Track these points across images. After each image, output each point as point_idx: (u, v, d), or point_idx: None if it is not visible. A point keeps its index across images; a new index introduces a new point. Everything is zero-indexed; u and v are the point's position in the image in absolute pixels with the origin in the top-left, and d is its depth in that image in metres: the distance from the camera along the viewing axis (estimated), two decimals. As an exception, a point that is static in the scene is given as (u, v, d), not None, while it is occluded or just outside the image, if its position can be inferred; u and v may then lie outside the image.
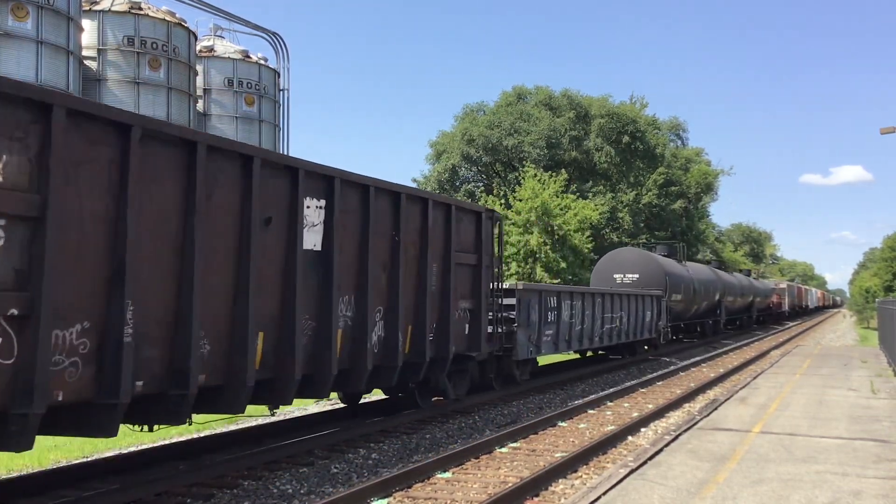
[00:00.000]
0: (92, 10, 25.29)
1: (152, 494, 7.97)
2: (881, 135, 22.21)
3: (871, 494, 7.39)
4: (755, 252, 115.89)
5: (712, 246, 69.66)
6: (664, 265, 28.99)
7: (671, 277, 28.65)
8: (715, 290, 37.18)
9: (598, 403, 15.30)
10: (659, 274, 28.07)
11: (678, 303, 29.90)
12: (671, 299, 28.23)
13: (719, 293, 38.04)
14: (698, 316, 35.21)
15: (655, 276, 27.91)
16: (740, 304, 45.64)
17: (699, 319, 36.27)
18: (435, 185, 48.01)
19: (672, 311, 28.80)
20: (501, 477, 9.16)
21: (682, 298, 30.47)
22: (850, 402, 13.80)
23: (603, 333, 20.87)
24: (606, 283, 27.89)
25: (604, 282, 28.34)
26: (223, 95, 29.71)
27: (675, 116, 64.23)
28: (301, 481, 8.82)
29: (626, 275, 28.21)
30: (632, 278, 28.02)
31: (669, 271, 29.01)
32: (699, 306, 34.16)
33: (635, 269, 28.33)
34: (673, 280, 28.84)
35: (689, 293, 31.58)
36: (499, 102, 51.07)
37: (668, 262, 30.98)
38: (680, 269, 31.63)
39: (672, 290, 28.30)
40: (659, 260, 29.33)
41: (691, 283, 32.00)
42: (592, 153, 49.22)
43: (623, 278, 28.18)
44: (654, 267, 28.37)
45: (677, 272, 30.46)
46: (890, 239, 74.75)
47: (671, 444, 9.79)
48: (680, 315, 31.27)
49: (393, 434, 11.66)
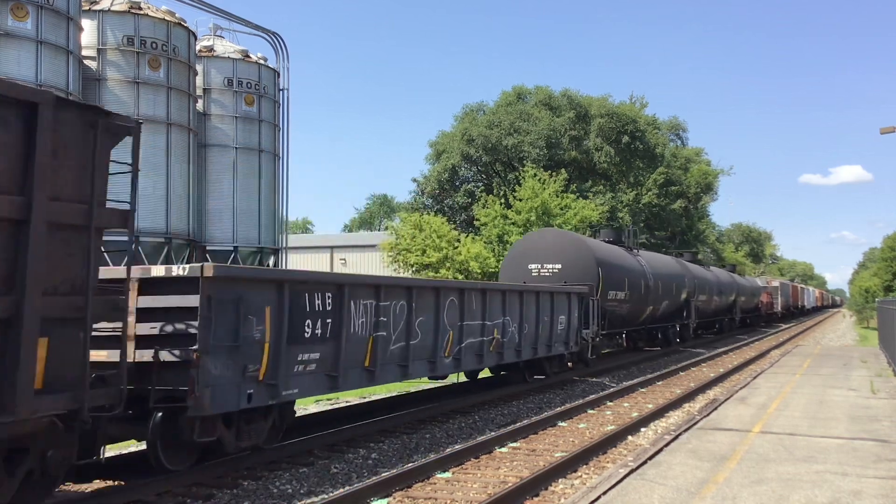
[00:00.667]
0: (92, 9, 25.29)
1: (152, 494, 7.96)
2: (881, 135, 22.22)
3: (871, 494, 7.39)
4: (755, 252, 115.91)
5: (713, 246, 69.67)
6: (598, 253, 22.13)
7: (608, 269, 22.17)
8: (681, 287, 30.62)
9: (598, 403, 15.30)
10: (589, 264, 21.22)
11: (621, 303, 23.52)
12: (609, 298, 22.15)
13: (687, 291, 31.44)
14: (656, 320, 28.68)
15: (585, 268, 21.13)
16: (719, 305, 39.30)
17: (658, 325, 29.51)
18: (435, 185, 48.03)
19: (612, 313, 22.73)
20: (501, 477, 9.16)
21: (629, 297, 24.01)
22: (850, 402, 13.79)
23: (464, 350, 13.36)
24: (519, 277, 21.23)
25: (516, 275, 21.57)
26: (223, 95, 29.70)
27: (675, 116, 64.30)
28: (301, 481, 8.82)
29: (545, 265, 21.33)
30: (552, 270, 21.20)
31: (606, 261, 22.37)
32: (657, 307, 27.65)
33: (557, 258, 21.37)
34: (611, 272, 22.36)
35: (639, 290, 25.06)
36: (499, 102, 51.09)
37: (606, 249, 24.13)
38: (625, 259, 25.15)
39: (609, 285, 21.99)
40: (590, 245, 22.34)
41: (643, 278, 25.53)
42: (592, 153, 49.23)
43: (540, 270, 21.34)
44: (583, 255, 21.48)
45: (619, 262, 23.96)
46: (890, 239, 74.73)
47: (671, 443, 9.79)
48: (626, 319, 25.03)
49: (393, 434, 11.66)
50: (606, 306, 21.89)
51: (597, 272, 21.27)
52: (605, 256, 22.68)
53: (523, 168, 39.84)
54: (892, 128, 21.90)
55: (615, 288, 22.69)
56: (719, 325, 41.60)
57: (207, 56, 29.21)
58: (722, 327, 41.83)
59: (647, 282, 25.84)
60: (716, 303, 38.05)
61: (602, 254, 22.61)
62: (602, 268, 21.61)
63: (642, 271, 25.89)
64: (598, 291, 20.89)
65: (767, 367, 20.92)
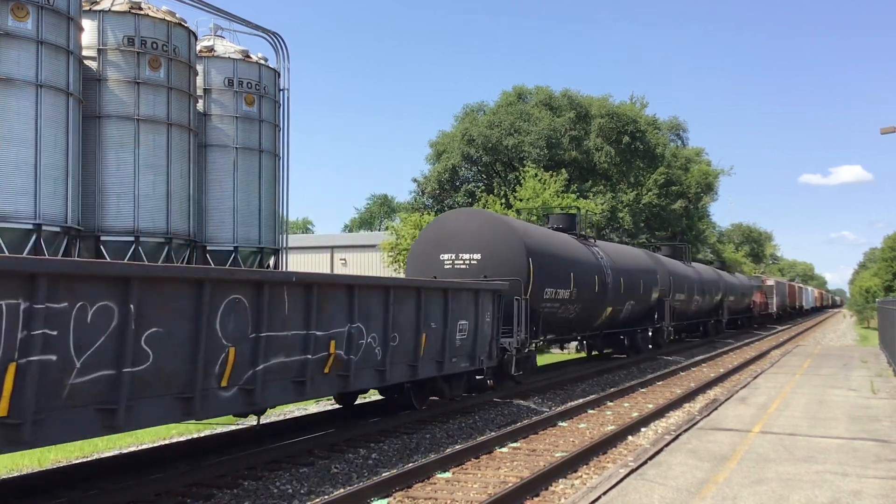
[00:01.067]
0: (92, 10, 25.33)
1: (152, 494, 7.97)
2: (881, 135, 22.18)
3: (870, 494, 7.39)
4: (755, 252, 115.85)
5: (713, 246, 69.64)
6: (529, 240, 17.42)
7: (544, 261, 17.50)
8: (652, 284, 26.01)
9: (598, 403, 15.30)
10: (516, 254, 16.70)
11: (565, 304, 18.83)
12: (546, 298, 17.66)
13: (660, 290, 26.89)
14: (620, 324, 24.15)
15: (511, 258, 16.64)
16: (701, 306, 34.60)
17: (623, 329, 24.88)
18: (435, 185, 48.01)
19: (551, 316, 18.26)
20: (501, 477, 9.16)
21: (577, 296, 19.29)
22: (851, 402, 13.79)
23: (262, 377, 8.54)
24: (429, 271, 16.70)
25: (426, 269, 16.98)
26: (223, 95, 29.73)
27: (675, 116, 64.25)
28: (301, 481, 8.82)
29: (461, 256, 16.81)
30: (469, 261, 16.70)
31: (540, 250, 17.67)
32: (619, 309, 23.07)
33: (476, 246, 16.79)
34: (548, 265, 17.71)
35: (592, 288, 20.42)
36: (499, 102, 51.06)
37: (543, 236, 19.10)
38: (573, 249, 20.29)
39: (545, 280, 17.40)
40: (518, 231, 17.36)
41: (597, 273, 20.92)
42: (592, 153, 49.22)
43: (455, 262, 16.84)
44: (509, 242, 16.87)
45: (561, 253, 19.09)
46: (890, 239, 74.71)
47: (671, 443, 9.79)
48: (575, 323, 20.42)
49: (393, 434, 11.66)
50: (542, 307, 17.43)
51: (526, 264, 16.60)
52: (539, 245, 17.77)
53: (524, 168, 39.83)
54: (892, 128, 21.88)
55: (555, 284, 17.97)
56: (704, 328, 37.66)
57: (208, 56, 29.22)
58: (707, 330, 37.83)
59: (603, 278, 21.15)
60: (697, 303, 33.40)
61: (535, 241, 17.71)
62: (534, 259, 16.87)
63: (597, 265, 21.14)
64: (527, 288, 16.42)
65: (768, 368, 20.92)
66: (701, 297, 33.77)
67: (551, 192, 35.70)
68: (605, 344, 25.61)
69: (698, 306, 33.97)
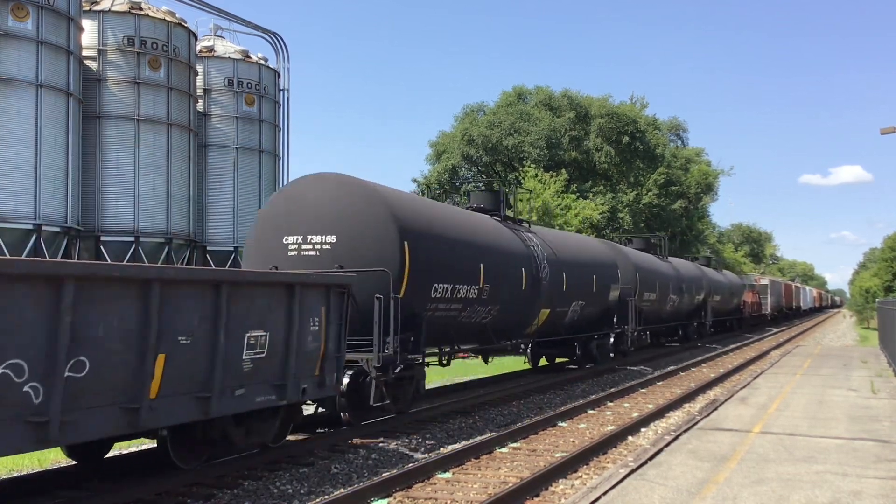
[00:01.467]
0: (92, 10, 25.34)
1: (152, 494, 7.97)
2: (881, 135, 22.19)
3: (870, 494, 7.39)
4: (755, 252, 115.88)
5: (713, 246, 69.64)
6: (404, 216, 12.40)
7: (429, 246, 12.68)
8: (608, 281, 21.01)
9: (598, 403, 15.30)
10: (385, 236, 11.92)
11: (468, 305, 13.90)
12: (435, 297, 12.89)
13: (620, 287, 22.11)
14: (561, 330, 18.96)
15: (378, 243, 11.89)
16: (679, 307, 30.15)
17: (570, 336, 19.82)
18: (435, 185, 48.01)
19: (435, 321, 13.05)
20: (501, 477, 9.17)
21: (488, 294, 14.39)
22: (851, 402, 13.79)
23: None
24: (271, 259, 12.27)
25: (267, 257, 12.40)
26: (223, 95, 29.74)
27: (675, 116, 64.37)
28: (301, 481, 8.83)
29: (309, 238, 12.16)
30: (321, 245, 12.07)
31: (423, 231, 12.72)
32: (561, 311, 18.17)
33: (330, 225, 12.10)
34: (435, 252, 12.86)
35: (516, 285, 15.58)
36: (499, 102, 51.07)
37: (430, 213, 13.62)
38: (484, 232, 15.10)
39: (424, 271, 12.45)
40: (389, 204, 12.30)
41: (523, 266, 15.93)
42: (592, 153, 49.24)
43: (302, 246, 12.21)
44: (374, 221, 12.02)
45: (459, 236, 13.95)
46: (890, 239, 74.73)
47: (671, 444, 9.79)
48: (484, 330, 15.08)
49: (393, 434, 11.66)
50: (429, 310, 12.60)
51: (399, 250, 11.76)
52: (420, 224, 12.64)
53: (524, 168, 39.84)
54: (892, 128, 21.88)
55: (447, 279, 12.94)
56: (683, 332, 33.49)
57: (208, 56, 29.24)
58: (687, 334, 33.61)
59: (533, 271, 16.24)
60: (674, 303, 29.00)
61: (413, 220, 12.53)
62: (412, 242, 12.00)
63: (526, 255, 16.09)
64: (401, 283, 11.68)
65: (768, 368, 20.93)
66: (678, 296, 29.44)
67: (551, 192, 35.72)
68: (547, 354, 21.56)
69: (675, 307, 29.62)
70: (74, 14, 22.99)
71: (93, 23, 24.87)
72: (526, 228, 17.92)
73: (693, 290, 32.26)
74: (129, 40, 25.30)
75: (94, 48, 24.94)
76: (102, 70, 25.12)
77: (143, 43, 25.45)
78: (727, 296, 40.94)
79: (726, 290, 40.66)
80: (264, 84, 30.43)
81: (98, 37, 25.02)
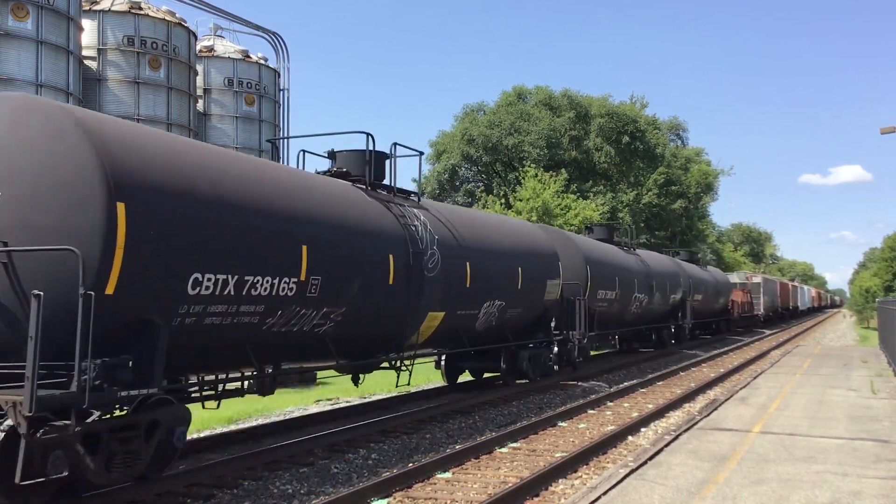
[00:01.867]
0: (92, 9, 25.33)
1: (152, 494, 7.97)
2: (881, 135, 22.20)
3: (870, 494, 7.39)
4: (755, 252, 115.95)
5: (712, 246, 69.64)
6: (122, 156, 7.05)
7: (159, 204, 7.26)
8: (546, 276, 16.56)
9: (598, 403, 15.30)
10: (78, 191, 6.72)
11: (250, 303, 8.36)
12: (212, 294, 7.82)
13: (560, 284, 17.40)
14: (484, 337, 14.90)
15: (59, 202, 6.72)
16: (650, 308, 25.67)
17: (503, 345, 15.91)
18: (435, 185, 48.03)
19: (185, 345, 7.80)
20: (501, 477, 9.17)
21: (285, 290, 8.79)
22: (851, 402, 13.80)
23: None
24: None
25: None
26: (223, 95, 29.74)
27: (675, 116, 64.33)
28: (301, 481, 8.83)
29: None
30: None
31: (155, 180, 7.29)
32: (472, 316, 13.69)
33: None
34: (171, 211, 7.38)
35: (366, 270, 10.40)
36: (499, 102, 51.10)
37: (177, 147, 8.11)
38: (287, 183, 9.52)
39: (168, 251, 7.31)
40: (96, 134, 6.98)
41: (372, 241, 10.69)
42: (592, 153, 49.25)
43: None
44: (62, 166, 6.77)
45: (215, 188, 8.01)
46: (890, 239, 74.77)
47: (671, 444, 9.79)
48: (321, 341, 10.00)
49: (393, 434, 11.67)
50: (172, 316, 7.48)
51: (106, 214, 6.77)
52: (161, 174, 7.48)
53: (523, 168, 39.84)
54: (892, 128, 21.89)
55: (224, 266, 7.98)
56: (657, 337, 28.58)
57: (208, 56, 29.24)
58: (662, 339, 28.85)
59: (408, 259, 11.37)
60: (641, 303, 24.43)
61: (148, 166, 7.39)
62: (137, 203, 7.05)
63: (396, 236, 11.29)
64: (109, 273, 6.83)
65: (768, 368, 20.93)
66: (646, 294, 24.76)
67: (551, 192, 35.71)
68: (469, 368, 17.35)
69: (643, 308, 24.89)
70: (74, 14, 22.99)
71: (93, 22, 24.87)
72: (414, 203, 12.80)
73: (667, 288, 27.58)
74: (128, 40, 25.30)
75: (94, 48, 24.94)
76: (102, 70, 25.12)
77: (142, 43, 25.45)
78: (712, 295, 36.01)
79: (710, 289, 35.73)
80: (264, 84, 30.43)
81: (98, 36, 25.02)
